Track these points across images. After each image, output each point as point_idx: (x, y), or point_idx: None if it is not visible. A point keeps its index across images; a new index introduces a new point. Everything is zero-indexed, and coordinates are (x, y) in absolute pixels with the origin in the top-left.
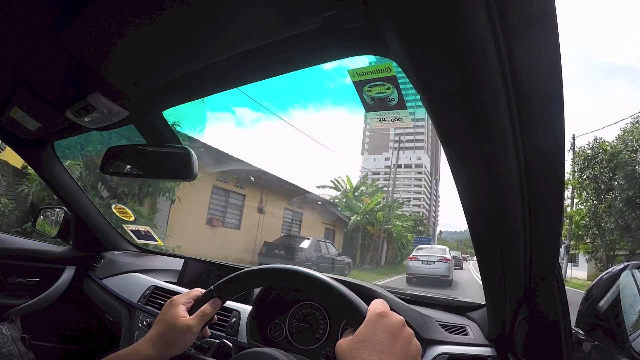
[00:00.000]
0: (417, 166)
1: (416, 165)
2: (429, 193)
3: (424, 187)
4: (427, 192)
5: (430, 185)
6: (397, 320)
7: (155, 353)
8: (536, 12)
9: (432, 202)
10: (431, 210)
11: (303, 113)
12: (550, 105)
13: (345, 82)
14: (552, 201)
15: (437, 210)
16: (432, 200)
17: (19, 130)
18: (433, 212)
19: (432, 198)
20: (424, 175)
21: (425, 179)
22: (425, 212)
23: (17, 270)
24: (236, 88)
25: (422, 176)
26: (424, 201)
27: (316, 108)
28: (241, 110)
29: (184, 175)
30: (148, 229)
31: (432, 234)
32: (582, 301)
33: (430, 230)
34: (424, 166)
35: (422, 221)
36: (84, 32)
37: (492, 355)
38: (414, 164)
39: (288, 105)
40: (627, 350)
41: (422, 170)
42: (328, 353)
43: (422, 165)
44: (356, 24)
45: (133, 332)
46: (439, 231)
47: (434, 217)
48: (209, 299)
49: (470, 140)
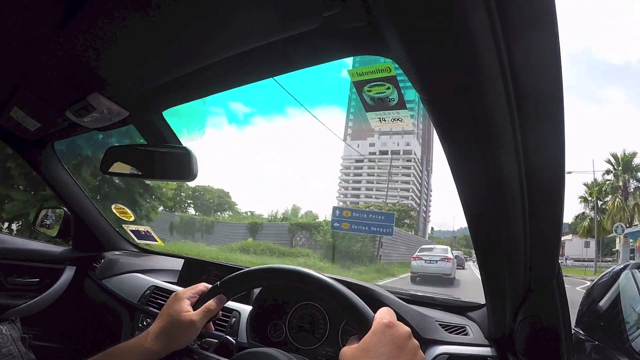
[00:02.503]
0: (406, 152)
1: (404, 152)
2: (419, 185)
3: (414, 176)
4: (417, 183)
5: (420, 176)
6: (404, 332)
7: (158, 346)
8: (536, 12)
9: (423, 194)
10: (421, 203)
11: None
12: (550, 105)
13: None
14: (552, 201)
15: (428, 205)
16: (422, 192)
17: (19, 130)
18: (424, 205)
19: (423, 191)
20: (414, 164)
21: (415, 168)
22: (414, 205)
23: (17, 270)
24: (235, 88)
25: (412, 164)
26: (413, 192)
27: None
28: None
29: (184, 175)
30: (148, 229)
31: (423, 230)
32: (582, 301)
33: (420, 226)
34: (413, 152)
35: (407, 212)
36: (84, 32)
37: (492, 355)
38: (402, 150)
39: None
40: (627, 350)
41: (411, 157)
42: (328, 353)
43: (411, 152)
44: (356, 24)
45: (133, 332)
46: (430, 228)
47: (425, 212)
48: (214, 294)
49: (471, 140)
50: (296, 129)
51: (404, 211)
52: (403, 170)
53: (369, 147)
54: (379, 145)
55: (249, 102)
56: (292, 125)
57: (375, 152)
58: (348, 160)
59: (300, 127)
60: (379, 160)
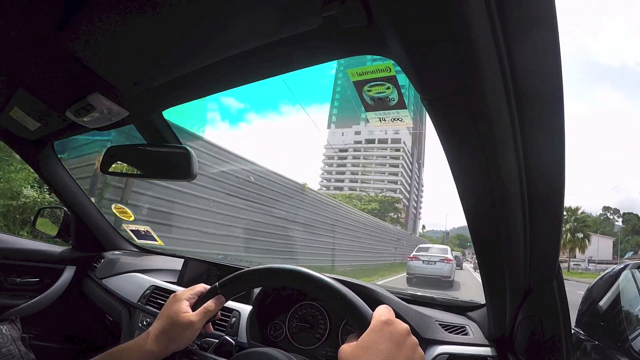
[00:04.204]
0: (394, 141)
1: (393, 141)
2: (409, 178)
3: (403, 167)
4: (407, 176)
5: (410, 169)
6: (402, 329)
7: (157, 348)
8: (536, 12)
9: (414, 188)
10: (411, 198)
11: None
12: (550, 105)
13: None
14: (552, 201)
15: (419, 200)
16: (412, 187)
17: (19, 130)
18: (414, 201)
19: (414, 185)
20: (403, 154)
21: (404, 158)
22: (402, 198)
23: (17, 270)
24: (235, 88)
25: (400, 154)
26: (402, 185)
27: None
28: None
29: (184, 175)
30: (148, 229)
31: (413, 227)
32: (582, 301)
33: (410, 223)
34: (402, 142)
35: (392, 204)
36: (83, 32)
37: (492, 355)
38: (390, 139)
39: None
40: (627, 350)
41: (400, 146)
42: (328, 353)
43: (400, 141)
44: (356, 24)
45: (133, 332)
46: (422, 226)
47: (416, 209)
48: (213, 295)
49: (471, 141)
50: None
51: (387, 202)
52: (391, 160)
53: (355, 136)
54: (365, 134)
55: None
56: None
57: (361, 140)
58: (331, 150)
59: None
60: (364, 150)
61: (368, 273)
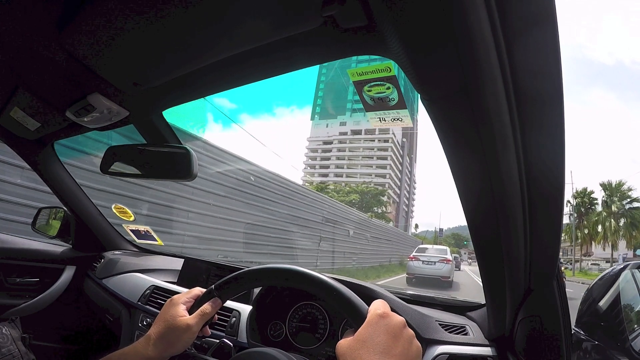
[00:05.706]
0: (382, 132)
1: (381, 131)
2: (399, 172)
3: (392, 159)
4: (397, 169)
5: (401, 162)
6: (398, 321)
7: (155, 352)
8: (536, 12)
9: (404, 183)
10: (402, 194)
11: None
12: (550, 105)
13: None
14: (552, 201)
15: (411, 197)
16: (403, 181)
17: (19, 130)
18: (405, 197)
19: (404, 179)
20: (391, 145)
21: (393, 150)
22: (389, 190)
23: (17, 270)
24: (235, 88)
25: (389, 145)
26: (391, 178)
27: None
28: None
29: (184, 175)
30: (148, 229)
31: (405, 225)
32: (582, 301)
33: (401, 220)
34: (391, 132)
35: (375, 196)
36: (83, 32)
37: (492, 355)
38: (378, 128)
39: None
40: (627, 350)
41: (388, 137)
42: (328, 353)
43: (388, 131)
44: (356, 24)
45: (133, 332)
46: (414, 224)
47: (407, 206)
48: (209, 298)
49: (471, 141)
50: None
51: (370, 193)
52: (379, 152)
53: (340, 127)
54: (350, 124)
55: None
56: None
57: (347, 132)
58: (315, 142)
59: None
60: (350, 142)
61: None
